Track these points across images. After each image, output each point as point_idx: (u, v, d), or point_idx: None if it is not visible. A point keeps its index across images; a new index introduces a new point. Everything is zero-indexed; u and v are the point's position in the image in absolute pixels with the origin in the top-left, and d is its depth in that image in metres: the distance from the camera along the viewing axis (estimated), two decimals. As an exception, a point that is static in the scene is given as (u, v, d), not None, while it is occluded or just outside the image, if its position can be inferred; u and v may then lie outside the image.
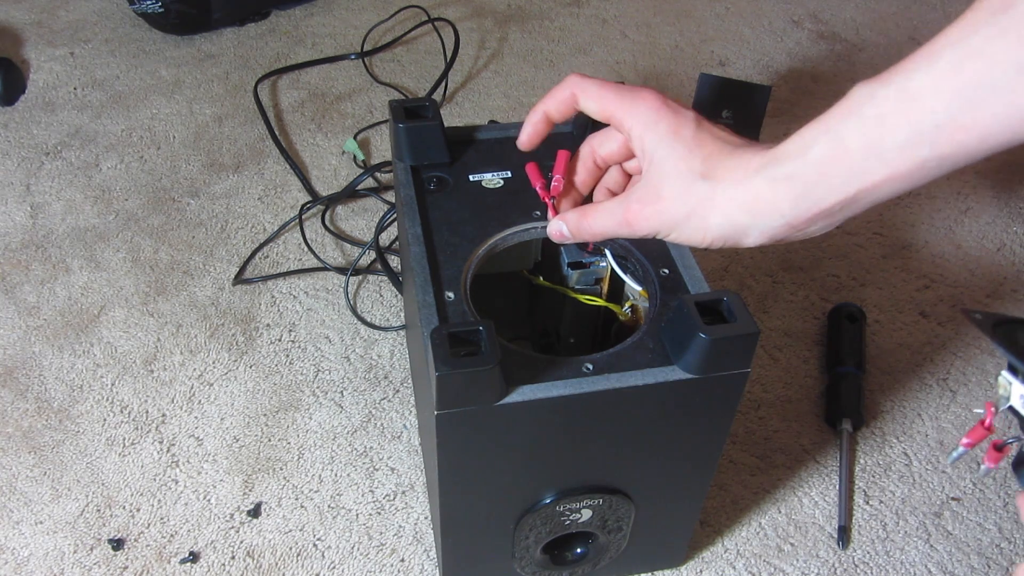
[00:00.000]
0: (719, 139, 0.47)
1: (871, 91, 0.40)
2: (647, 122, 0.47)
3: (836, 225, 0.44)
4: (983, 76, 0.35)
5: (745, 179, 0.44)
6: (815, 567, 0.65)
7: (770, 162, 0.43)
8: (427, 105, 0.60)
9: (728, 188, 0.44)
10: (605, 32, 1.25)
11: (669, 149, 0.46)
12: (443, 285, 0.51)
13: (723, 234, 0.45)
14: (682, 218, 0.46)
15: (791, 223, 0.44)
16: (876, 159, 0.40)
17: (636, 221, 0.47)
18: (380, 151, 1.03)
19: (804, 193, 0.42)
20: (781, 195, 0.43)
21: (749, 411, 0.75)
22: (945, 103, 0.37)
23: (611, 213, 0.49)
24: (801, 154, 0.42)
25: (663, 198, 0.46)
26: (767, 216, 0.44)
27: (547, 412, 0.46)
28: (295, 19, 1.26)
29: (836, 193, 0.42)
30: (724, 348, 0.45)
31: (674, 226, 0.46)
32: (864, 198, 0.42)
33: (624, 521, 0.56)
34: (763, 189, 0.43)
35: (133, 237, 0.90)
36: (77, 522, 0.66)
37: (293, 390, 0.76)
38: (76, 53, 1.18)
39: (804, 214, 0.43)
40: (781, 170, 0.43)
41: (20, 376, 0.77)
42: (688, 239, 0.46)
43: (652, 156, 0.47)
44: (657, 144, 0.47)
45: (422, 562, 0.64)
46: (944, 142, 0.38)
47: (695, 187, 0.45)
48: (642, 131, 0.48)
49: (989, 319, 0.39)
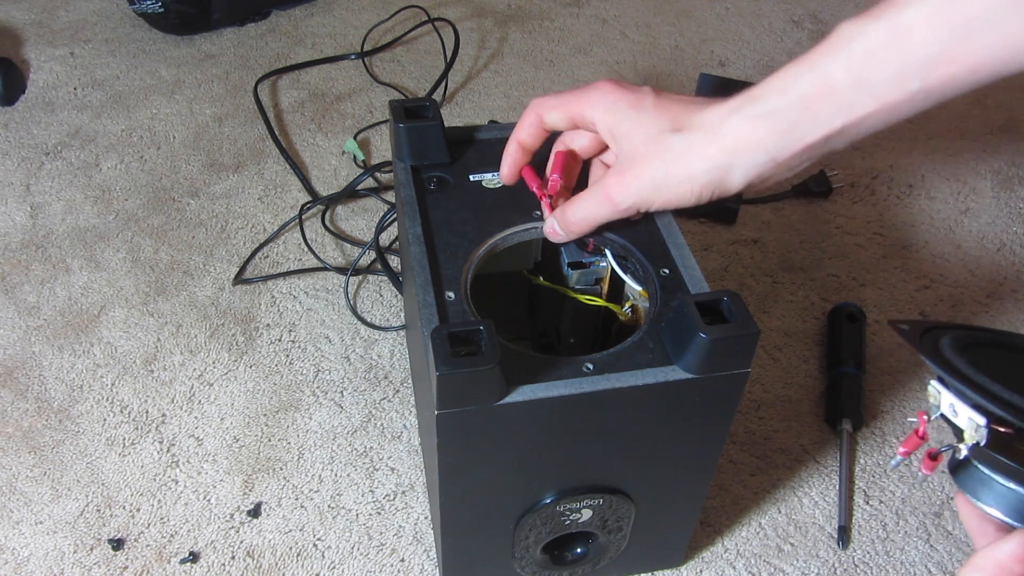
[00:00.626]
0: (682, 101, 0.47)
1: (860, 27, 0.40)
2: (606, 106, 0.48)
3: (818, 159, 0.44)
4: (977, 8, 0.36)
5: (721, 122, 0.44)
6: (815, 567, 0.65)
7: (747, 102, 0.43)
8: (427, 105, 0.60)
9: (704, 134, 0.44)
10: (605, 32, 1.25)
11: (634, 121, 0.46)
12: (443, 285, 0.51)
13: (709, 180, 0.45)
14: (662, 177, 0.45)
15: (775, 159, 0.43)
16: (864, 93, 0.40)
17: (617, 194, 0.47)
18: (380, 151, 1.03)
19: (788, 129, 0.42)
20: (763, 131, 0.43)
21: (749, 411, 0.75)
22: (938, 36, 0.37)
23: (592, 196, 0.49)
24: (783, 92, 0.42)
25: (637, 162, 0.46)
26: (750, 153, 0.43)
27: (547, 412, 0.46)
28: (295, 19, 1.26)
29: (822, 127, 0.42)
30: (724, 348, 0.45)
31: (656, 187, 0.46)
32: (850, 131, 0.42)
33: (624, 521, 0.56)
34: (743, 127, 0.43)
35: (133, 237, 0.90)
36: (77, 522, 0.66)
37: (293, 390, 0.76)
38: (76, 53, 1.18)
39: (789, 149, 0.43)
40: (762, 107, 0.43)
41: (20, 376, 0.77)
42: (675, 197, 0.46)
43: (617, 132, 0.47)
44: (621, 120, 0.47)
45: (422, 562, 0.64)
46: (935, 75, 0.38)
47: (668, 142, 0.45)
48: (603, 115, 0.48)
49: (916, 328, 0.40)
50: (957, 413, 0.36)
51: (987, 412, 0.34)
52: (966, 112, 1.10)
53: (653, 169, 0.46)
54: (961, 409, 0.35)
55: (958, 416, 0.36)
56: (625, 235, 0.55)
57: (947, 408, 0.36)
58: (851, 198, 0.97)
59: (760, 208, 0.95)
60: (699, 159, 0.44)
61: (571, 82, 1.15)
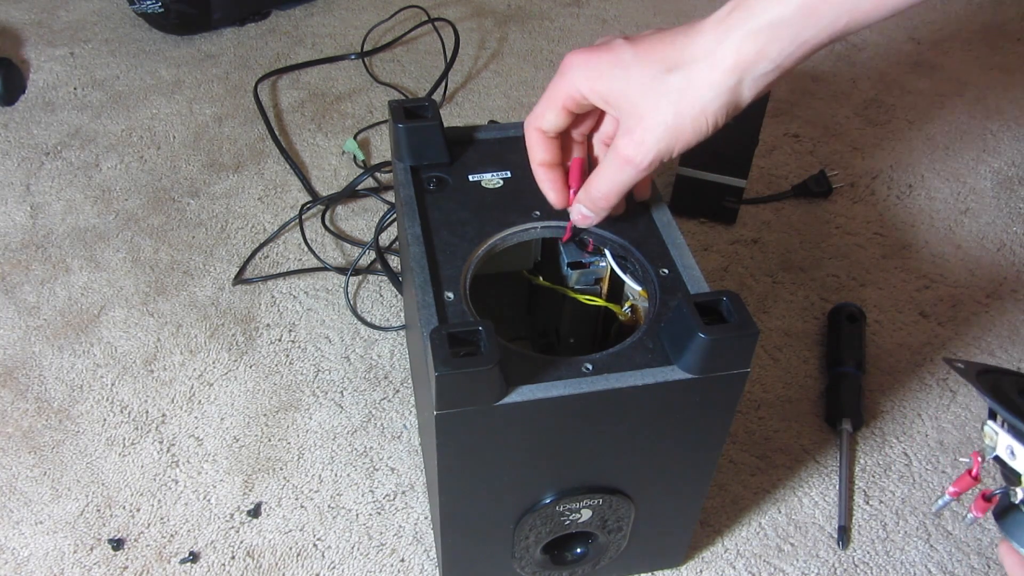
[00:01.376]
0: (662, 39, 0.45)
1: None
2: (587, 75, 0.46)
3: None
4: None
5: (719, 44, 0.43)
6: (815, 567, 0.65)
7: (744, 15, 0.42)
8: (427, 105, 0.60)
9: (703, 63, 0.43)
10: (605, 32, 1.25)
11: (622, 78, 0.45)
12: (443, 285, 0.51)
13: (722, 104, 0.44)
14: (673, 120, 0.44)
15: (781, 66, 0.43)
16: None
17: (636, 154, 0.46)
18: (380, 151, 1.03)
19: (793, 37, 0.42)
20: (766, 42, 0.42)
21: (749, 411, 0.75)
22: None
23: (610, 165, 0.48)
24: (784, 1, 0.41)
25: (644, 116, 0.45)
26: (757, 66, 0.43)
27: (547, 412, 0.46)
28: (295, 19, 1.26)
29: (827, 29, 0.41)
30: (724, 348, 0.45)
31: (672, 133, 0.45)
32: (853, 27, 0.41)
33: (624, 521, 0.56)
34: (745, 45, 0.42)
35: (133, 237, 0.90)
36: (77, 522, 0.66)
37: (293, 390, 0.76)
38: (76, 53, 1.18)
39: (794, 55, 0.42)
40: (762, 19, 0.42)
41: (20, 376, 0.77)
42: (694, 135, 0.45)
43: (610, 95, 0.46)
44: (609, 82, 0.46)
45: (422, 562, 0.64)
46: None
47: (667, 84, 0.44)
48: (589, 85, 0.46)
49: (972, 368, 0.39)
50: (1015, 456, 0.35)
51: None
52: (966, 112, 1.10)
53: (663, 116, 0.44)
54: (1020, 452, 0.35)
55: (1016, 459, 0.35)
56: (625, 235, 0.55)
57: (1003, 450, 0.36)
58: (851, 198, 0.97)
59: (760, 208, 0.95)
60: (706, 89, 0.43)
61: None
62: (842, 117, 1.09)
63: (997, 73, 1.18)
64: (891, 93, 1.13)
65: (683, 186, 0.91)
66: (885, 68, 1.18)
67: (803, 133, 1.06)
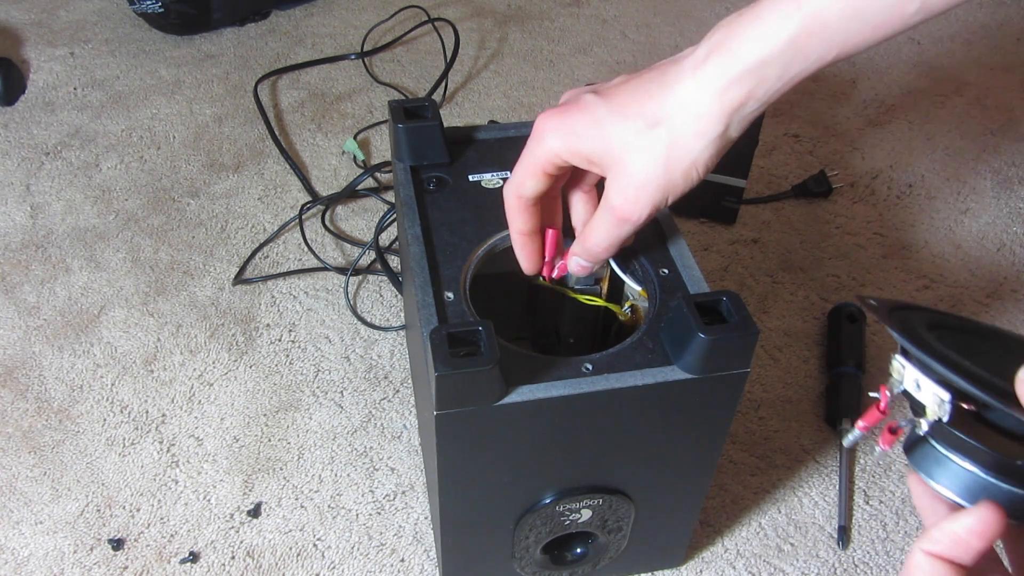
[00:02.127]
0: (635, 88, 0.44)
1: None
2: (563, 139, 0.45)
3: None
4: None
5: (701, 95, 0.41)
6: (815, 567, 0.65)
7: (726, 59, 0.41)
8: (427, 105, 0.60)
9: (688, 116, 0.42)
10: (605, 32, 1.25)
11: (600, 139, 0.44)
12: (443, 285, 0.51)
13: (714, 152, 0.43)
14: (664, 176, 0.43)
15: (768, 101, 0.42)
16: (859, 22, 0.38)
17: (631, 212, 0.45)
18: (380, 151, 1.03)
19: (779, 75, 0.40)
20: (752, 86, 0.41)
21: (749, 411, 0.75)
22: None
23: (605, 220, 0.47)
24: (767, 39, 0.40)
25: (633, 174, 0.44)
26: (744, 108, 0.42)
27: (546, 412, 0.46)
28: (295, 19, 1.26)
29: (814, 63, 0.40)
30: (723, 348, 0.45)
31: (663, 187, 0.44)
32: (843, 56, 0.40)
33: (624, 521, 0.56)
34: (730, 91, 0.41)
35: (133, 237, 0.90)
36: (77, 522, 0.66)
37: (293, 390, 0.76)
38: (76, 53, 1.18)
39: (781, 90, 0.41)
40: (747, 61, 0.40)
41: (20, 376, 0.77)
42: (686, 184, 0.44)
43: (593, 156, 0.45)
44: (590, 144, 0.44)
45: (422, 562, 0.64)
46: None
47: (652, 138, 0.43)
48: (569, 148, 0.45)
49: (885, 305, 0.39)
50: (921, 388, 0.35)
51: (952, 387, 0.34)
52: (966, 112, 1.10)
53: (653, 172, 0.43)
54: (926, 384, 0.35)
55: (922, 391, 0.35)
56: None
57: (911, 383, 0.35)
58: (851, 198, 0.97)
59: (760, 208, 0.95)
60: (694, 141, 0.42)
61: (571, 82, 1.15)
62: (842, 117, 1.09)
63: (997, 73, 1.18)
64: (891, 93, 1.13)
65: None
66: (885, 68, 1.18)
67: (803, 133, 1.06)
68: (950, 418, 0.34)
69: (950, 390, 0.34)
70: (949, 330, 0.39)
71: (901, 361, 0.36)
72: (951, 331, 0.39)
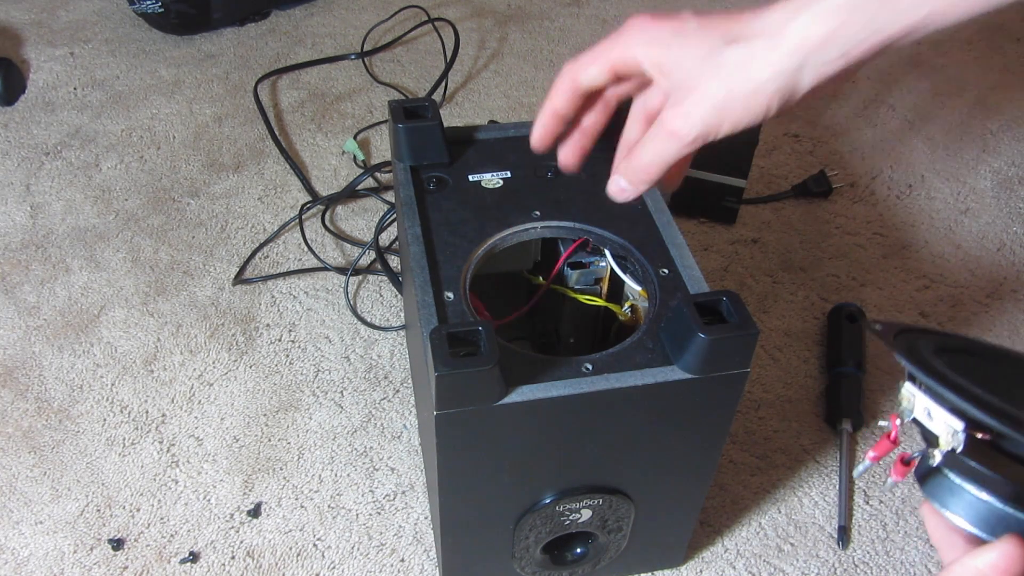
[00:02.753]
0: (731, 15, 0.42)
1: None
2: (647, 40, 0.44)
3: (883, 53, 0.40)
4: None
5: (786, 23, 0.40)
6: (815, 567, 0.65)
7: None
8: (427, 105, 0.60)
9: (766, 40, 0.40)
10: (605, 32, 1.24)
11: (681, 47, 0.42)
12: (443, 285, 0.51)
13: (778, 87, 0.41)
14: (724, 95, 0.41)
15: (848, 54, 0.40)
16: None
17: (681, 127, 0.43)
18: (380, 151, 1.03)
19: (867, 21, 0.38)
20: (838, 24, 0.39)
21: (749, 411, 0.75)
22: None
23: (654, 137, 0.44)
24: None
25: (694, 88, 0.42)
26: (823, 50, 0.40)
27: (546, 412, 0.46)
28: (295, 19, 1.26)
29: (904, 17, 0.38)
30: (723, 348, 0.45)
31: (721, 109, 0.42)
32: (931, 23, 0.38)
33: (624, 521, 0.56)
34: (815, 24, 0.39)
35: (133, 237, 0.90)
36: (77, 522, 0.66)
37: (293, 390, 0.76)
38: (76, 53, 1.18)
39: (864, 44, 0.39)
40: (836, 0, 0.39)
41: (20, 376, 0.77)
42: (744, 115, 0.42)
43: (665, 63, 0.43)
44: (667, 49, 0.43)
45: (422, 562, 0.64)
46: None
47: (724, 57, 0.41)
48: (646, 50, 0.44)
49: (890, 329, 0.38)
50: (932, 417, 0.34)
51: (965, 416, 0.33)
52: (966, 112, 1.10)
53: (714, 90, 0.41)
54: (937, 413, 0.34)
55: (933, 421, 0.34)
56: (625, 235, 0.55)
57: (921, 412, 0.34)
58: (851, 198, 0.97)
59: (760, 208, 0.95)
60: (764, 66, 0.40)
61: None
62: (842, 117, 1.09)
63: (997, 73, 1.18)
64: (891, 93, 1.13)
65: (683, 186, 0.90)
66: (885, 68, 1.18)
67: (803, 133, 1.06)
68: (963, 448, 0.33)
69: (963, 419, 0.33)
70: (957, 354, 0.37)
71: (911, 389, 0.35)
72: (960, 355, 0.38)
